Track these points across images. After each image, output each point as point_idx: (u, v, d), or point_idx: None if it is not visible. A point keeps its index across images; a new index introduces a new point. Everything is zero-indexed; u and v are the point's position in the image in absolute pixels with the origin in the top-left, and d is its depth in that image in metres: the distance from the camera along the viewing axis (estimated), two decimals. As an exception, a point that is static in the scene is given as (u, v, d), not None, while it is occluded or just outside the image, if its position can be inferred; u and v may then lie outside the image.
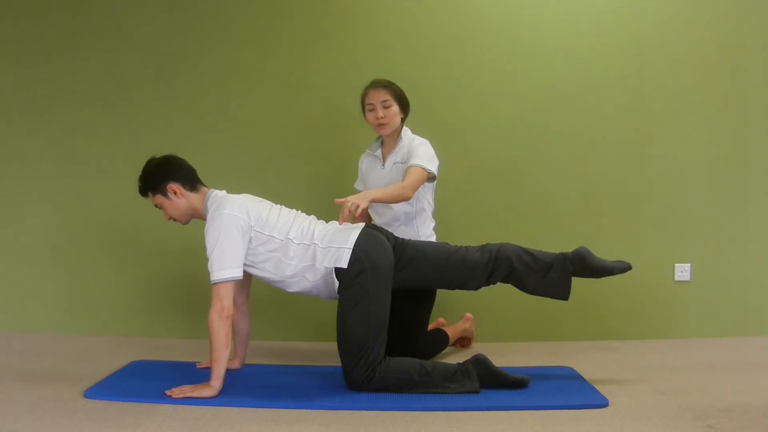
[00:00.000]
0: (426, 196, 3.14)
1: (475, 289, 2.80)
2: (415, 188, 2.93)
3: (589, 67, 3.64)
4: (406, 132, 3.15)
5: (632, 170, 3.66)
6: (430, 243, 2.89)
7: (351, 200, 2.63)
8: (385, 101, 3.05)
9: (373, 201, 2.78)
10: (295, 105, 3.65)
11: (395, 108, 3.07)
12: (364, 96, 3.12)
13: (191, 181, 2.78)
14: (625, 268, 2.73)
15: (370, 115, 3.09)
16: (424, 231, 3.12)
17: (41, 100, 3.69)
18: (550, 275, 2.71)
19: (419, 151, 3.03)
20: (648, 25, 3.64)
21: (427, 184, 3.10)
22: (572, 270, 2.72)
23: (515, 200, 3.64)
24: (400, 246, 2.77)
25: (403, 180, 2.97)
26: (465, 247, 2.79)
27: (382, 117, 3.05)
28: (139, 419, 2.29)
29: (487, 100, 3.64)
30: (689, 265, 3.67)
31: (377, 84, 3.10)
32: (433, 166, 3.02)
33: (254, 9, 3.64)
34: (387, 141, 3.17)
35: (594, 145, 3.65)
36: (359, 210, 2.61)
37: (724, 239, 3.67)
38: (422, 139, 3.12)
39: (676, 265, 3.67)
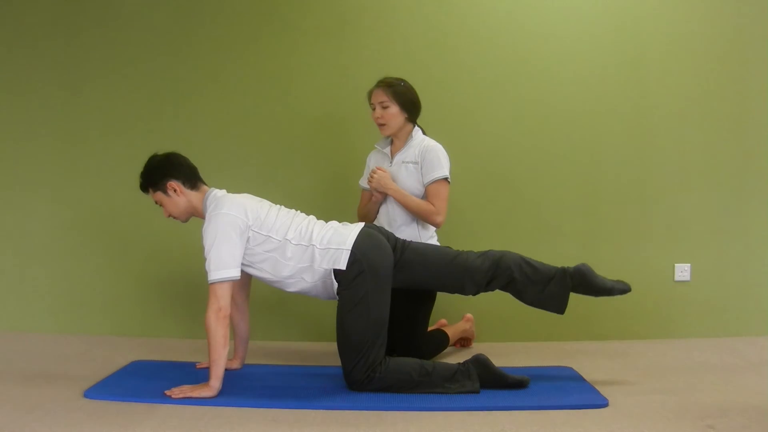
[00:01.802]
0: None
1: (474, 294, 2.80)
2: (445, 210, 3.04)
3: (590, 67, 3.64)
4: (417, 132, 3.14)
5: (632, 170, 3.66)
6: (432, 246, 2.88)
7: (378, 181, 3.01)
8: (382, 102, 3.05)
9: (388, 193, 3.00)
10: (298, 103, 3.65)
11: (393, 109, 3.06)
12: (368, 95, 3.13)
13: (192, 179, 2.78)
14: (624, 289, 2.74)
15: (372, 114, 3.11)
16: (425, 233, 3.12)
17: (40, 100, 3.69)
18: (549, 288, 2.72)
19: (438, 157, 3.04)
20: (649, 26, 3.64)
21: None
22: (571, 285, 2.72)
23: (515, 199, 3.64)
24: (401, 247, 2.76)
25: (429, 199, 3.03)
26: (466, 252, 2.78)
27: (378, 117, 3.07)
28: (139, 419, 2.29)
29: (488, 100, 3.64)
30: (689, 265, 3.67)
31: (380, 83, 3.10)
32: (449, 172, 3.06)
33: (258, 7, 3.64)
34: (396, 140, 3.17)
35: (594, 144, 3.65)
36: (374, 181, 3.01)
37: (724, 239, 3.68)
38: (433, 142, 3.11)
39: (676, 265, 3.67)
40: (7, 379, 2.77)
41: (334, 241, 2.65)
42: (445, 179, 3.05)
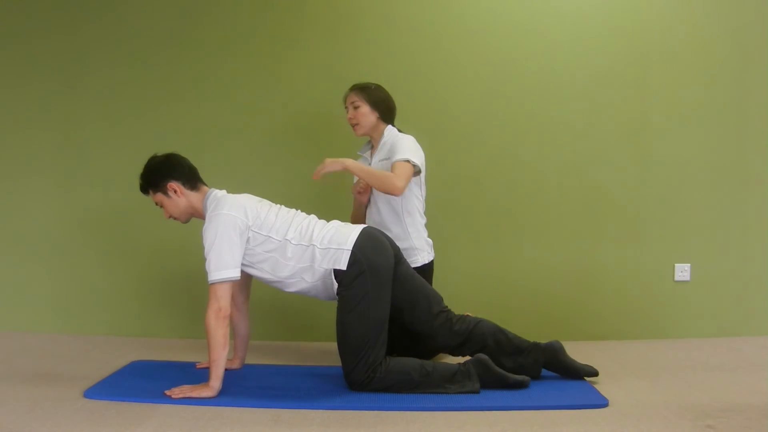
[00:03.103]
0: (414, 192, 3.10)
1: (438, 350, 2.91)
2: (406, 180, 2.91)
3: (590, 68, 3.64)
4: (389, 130, 3.15)
5: (632, 170, 3.66)
6: (429, 290, 2.84)
7: (324, 165, 2.84)
8: (353, 102, 3.12)
9: (347, 169, 2.87)
10: (297, 103, 3.64)
11: (364, 109, 3.10)
12: (343, 100, 3.19)
13: (192, 180, 2.78)
14: (591, 373, 2.78)
15: (347, 118, 3.17)
16: (415, 231, 3.10)
17: (39, 99, 3.69)
18: (520, 360, 2.77)
19: (401, 144, 3.02)
20: (649, 26, 3.64)
21: (413, 178, 3.05)
22: (543, 361, 2.77)
23: (515, 200, 3.64)
24: (405, 270, 2.77)
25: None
26: (450, 311, 2.82)
27: (351, 118, 3.13)
28: (139, 419, 2.29)
29: (486, 102, 3.64)
30: (689, 265, 3.67)
31: (351, 87, 3.17)
32: (416, 158, 2.98)
33: (253, 8, 3.64)
34: (374, 143, 3.19)
35: (594, 144, 3.65)
36: (326, 170, 2.84)
37: (724, 239, 3.68)
38: (405, 134, 3.11)
39: (676, 265, 3.67)
40: (7, 379, 2.77)
41: (335, 240, 2.65)
42: (406, 161, 2.94)
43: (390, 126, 3.17)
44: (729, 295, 3.68)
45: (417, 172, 3.03)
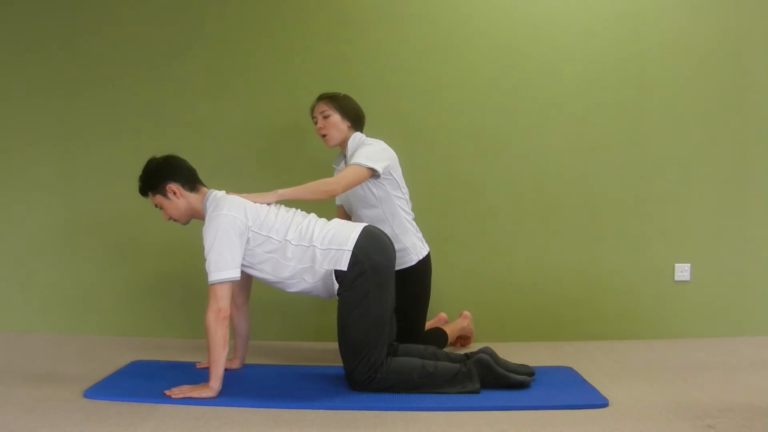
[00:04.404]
0: (392, 194, 3.04)
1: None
2: (345, 183, 2.87)
3: (589, 68, 3.64)
4: (356, 137, 3.09)
5: (632, 170, 3.66)
6: (392, 322, 2.80)
7: (254, 197, 2.71)
8: (323, 111, 3.08)
9: (282, 197, 2.77)
10: (293, 105, 3.63)
11: (335, 117, 3.06)
12: (310, 111, 3.15)
13: (191, 181, 2.77)
14: (527, 372, 2.74)
15: (315, 129, 3.13)
16: (402, 229, 3.06)
17: (40, 104, 3.69)
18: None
19: (360, 150, 2.99)
20: (648, 26, 3.64)
21: (386, 182, 3.02)
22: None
23: (515, 200, 3.64)
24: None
25: None
26: (395, 345, 2.80)
27: (320, 128, 3.09)
28: (139, 419, 2.29)
29: (486, 97, 3.64)
30: (689, 265, 3.67)
31: (319, 98, 3.13)
32: (374, 163, 2.93)
33: (255, 14, 3.64)
34: (345, 152, 3.13)
35: (594, 144, 3.65)
36: (259, 203, 2.68)
37: (724, 239, 3.68)
38: (372, 139, 3.08)
39: (676, 265, 3.67)
40: (7, 379, 2.77)
41: (335, 241, 2.64)
42: (357, 165, 2.90)
43: (357, 132, 3.10)
44: (729, 295, 3.68)
45: (376, 175, 2.96)
